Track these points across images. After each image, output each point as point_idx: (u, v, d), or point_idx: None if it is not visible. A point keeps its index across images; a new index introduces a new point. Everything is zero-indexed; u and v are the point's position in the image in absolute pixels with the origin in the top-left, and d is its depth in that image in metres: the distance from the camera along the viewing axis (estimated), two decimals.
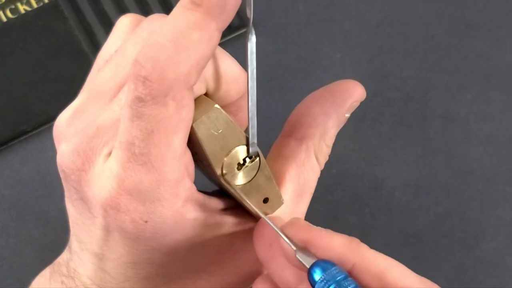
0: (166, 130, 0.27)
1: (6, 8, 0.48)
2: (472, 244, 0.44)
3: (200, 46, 0.27)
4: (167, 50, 0.26)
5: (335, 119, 0.33)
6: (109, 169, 0.28)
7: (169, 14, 0.27)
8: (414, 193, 0.46)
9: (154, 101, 0.26)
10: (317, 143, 0.33)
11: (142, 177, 0.27)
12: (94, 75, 0.32)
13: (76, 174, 0.29)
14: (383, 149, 0.46)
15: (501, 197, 0.46)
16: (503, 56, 0.49)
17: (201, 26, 0.26)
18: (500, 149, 0.47)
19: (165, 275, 0.31)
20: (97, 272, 0.30)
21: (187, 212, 0.29)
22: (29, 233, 0.44)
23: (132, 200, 0.28)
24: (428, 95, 0.48)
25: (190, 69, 0.26)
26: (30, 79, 0.46)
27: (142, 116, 0.26)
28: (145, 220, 0.28)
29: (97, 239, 0.30)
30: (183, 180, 0.29)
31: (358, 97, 0.33)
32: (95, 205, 0.29)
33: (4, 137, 0.45)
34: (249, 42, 0.29)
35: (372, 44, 0.49)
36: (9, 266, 0.43)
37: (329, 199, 0.45)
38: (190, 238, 0.30)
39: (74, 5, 0.48)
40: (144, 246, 0.29)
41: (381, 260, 0.27)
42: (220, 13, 0.27)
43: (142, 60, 0.26)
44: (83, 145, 0.29)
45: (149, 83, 0.26)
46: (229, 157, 0.30)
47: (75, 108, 0.30)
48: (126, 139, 0.27)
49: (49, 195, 0.45)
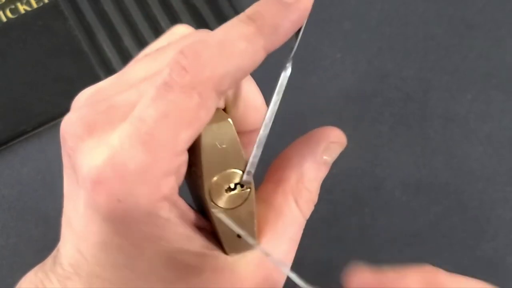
0: (179, 120, 0.27)
1: (6, 8, 0.48)
2: (472, 244, 0.44)
3: (243, 57, 0.28)
4: (212, 49, 0.27)
5: (311, 161, 0.32)
6: (107, 142, 0.28)
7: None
8: (414, 193, 0.46)
9: (182, 90, 0.27)
10: (295, 186, 0.32)
11: (135, 155, 0.27)
12: (129, 64, 0.32)
13: (74, 141, 0.29)
14: (383, 149, 0.46)
15: (501, 197, 0.46)
16: (503, 56, 0.49)
17: (250, 39, 0.28)
18: (500, 149, 0.47)
19: (133, 270, 0.29)
20: (74, 253, 0.30)
21: (161, 209, 0.29)
22: (29, 233, 0.44)
23: (115, 175, 0.28)
24: (428, 95, 0.48)
25: (226, 74, 0.27)
26: (30, 79, 0.46)
27: (164, 99, 0.27)
28: (119, 199, 0.28)
29: (77, 213, 0.29)
30: (170, 177, 0.28)
31: (334, 138, 0.33)
32: (83, 175, 0.28)
33: (4, 137, 0.45)
34: (283, 72, 0.29)
35: (372, 44, 0.49)
36: (9, 266, 0.43)
37: (329, 199, 0.45)
38: (159, 239, 0.29)
39: (74, 5, 0.48)
40: (113, 228, 0.28)
41: (460, 283, 0.26)
42: (271, 33, 0.28)
43: (186, 50, 0.27)
44: (89, 116, 0.29)
45: (184, 72, 0.27)
46: (222, 176, 0.30)
47: (99, 87, 0.31)
48: (139, 115, 0.27)
49: (49, 195, 0.45)
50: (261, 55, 0.28)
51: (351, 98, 0.48)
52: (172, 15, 0.48)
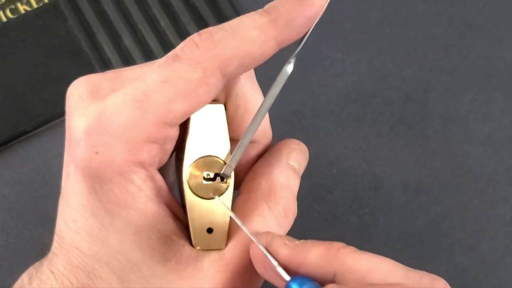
0: (178, 89, 0.28)
1: (6, 8, 0.48)
2: (472, 244, 0.44)
3: (253, 44, 0.29)
4: (225, 32, 0.28)
5: (278, 167, 0.32)
6: (102, 102, 0.29)
7: None
8: (414, 193, 0.46)
9: (188, 62, 0.28)
10: (267, 193, 0.32)
11: (123, 111, 0.28)
12: None
13: (75, 100, 0.30)
14: (383, 149, 0.46)
15: (501, 197, 0.46)
16: (503, 56, 0.49)
17: (262, 29, 0.29)
18: (500, 149, 0.47)
19: (104, 244, 0.29)
20: (60, 223, 0.30)
21: (135, 174, 0.29)
22: (29, 233, 0.44)
23: (99, 126, 0.28)
24: (428, 95, 0.48)
25: (234, 56, 0.28)
26: (30, 79, 0.46)
27: (168, 67, 0.28)
28: (96, 152, 0.28)
29: (67, 178, 0.30)
30: (153, 145, 0.28)
31: (294, 145, 0.33)
32: (72, 129, 0.29)
33: (4, 137, 0.45)
34: (285, 67, 0.30)
35: (372, 44, 0.49)
36: (9, 266, 0.43)
37: (329, 199, 0.45)
38: (128, 207, 0.29)
39: (74, 5, 0.48)
40: (89, 185, 0.29)
41: (363, 262, 0.27)
42: (284, 26, 0.29)
43: (202, 31, 0.29)
44: (96, 80, 0.30)
45: (195, 47, 0.28)
46: (203, 161, 0.29)
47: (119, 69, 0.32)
48: (142, 78, 0.28)
49: (49, 195, 0.44)
50: (272, 46, 0.29)
51: (351, 98, 0.48)
52: (172, 15, 0.48)
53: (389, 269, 0.26)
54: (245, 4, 0.49)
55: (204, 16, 0.48)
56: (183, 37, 0.47)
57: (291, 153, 0.33)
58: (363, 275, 0.26)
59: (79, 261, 0.29)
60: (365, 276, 0.26)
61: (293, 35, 0.29)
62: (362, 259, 0.27)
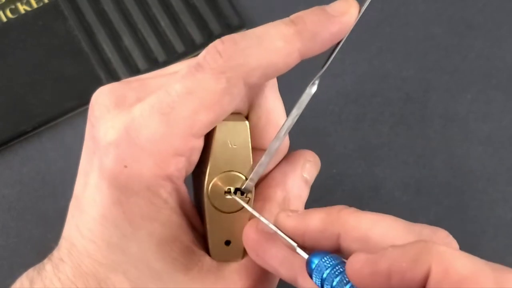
0: (202, 100, 0.28)
1: (6, 8, 0.48)
2: (472, 244, 0.44)
3: (277, 55, 0.28)
4: (249, 40, 0.28)
5: (292, 177, 0.33)
6: (130, 111, 0.28)
7: None
8: (414, 193, 0.46)
9: (212, 71, 0.28)
10: (282, 203, 0.32)
11: (151, 124, 0.28)
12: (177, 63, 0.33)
13: (100, 110, 0.30)
14: (383, 149, 0.46)
15: (501, 197, 0.46)
16: (503, 56, 0.49)
17: (287, 39, 0.29)
18: (500, 149, 0.47)
19: (124, 252, 0.29)
20: (72, 230, 0.30)
21: (162, 188, 0.29)
22: (29, 233, 0.44)
23: (127, 139, 0.28)
24: (428, 95, 0.48)
25: (258, 67, 0.28)
26: (30, 79, 0.46)
27: (192, 77, 0.28)
28: (125, 165, 0.28)
29: (86, 186, 0.30)
30: (180, 158, 0.28)
31: (309, 158, 0.34)
32: (99, 139, 0.29)
33: (4, 137, 0.45)
34: (308, 89, 0.30)
35: (372, 44, 0.49)
36: (9, 266, 0.43)
37: (329, 199, 0.45)
38: (153, 219, 0.29)
39: (74, 5, 0.48)
40: (115, 196, 0.29)
41: (364, 221, 0.27)
42: (309, 39, 0.29)
43: (225, 38, 0.28)
44: (121, 90, 0.30)
45: (218, 56, 0.28)
46: (225, 176, 0.30)
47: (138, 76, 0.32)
48: (166, 89, 0.28)
49: (49, 195, 0.45)
50: (295, 58, 0.29)
51: (351, 98, 0.48)
52: (172, 15, 0.48)
53: (390, 223, 0.27)
54: (245, 4, 0.49)
55: (204, 16, 0.48)
56: (183, 37, 0.47)
57: (306, 164, 0.33)
58: (365, 232, 0.26)
59: (90, 269, 0.29)
60: (367, 232, 0.26)
61: (316, 49, 0.29)
62: (364, 218, 0.27)
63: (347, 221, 0.27)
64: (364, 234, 0.26)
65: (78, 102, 0.46)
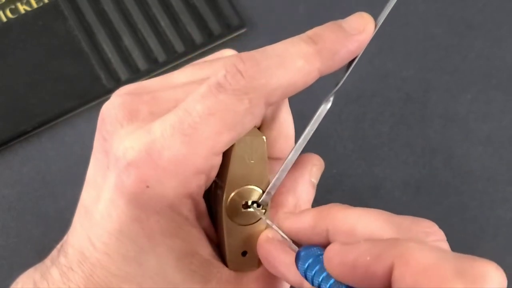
0: (224, 121, 0.28)
1: (6, 8, 0.48)
2: (472, 244, 0.44)
3: (297, 74, 0.28)
4: (270, 60, 0.28)
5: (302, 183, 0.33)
6: (148, 129, 0.28)
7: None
8: (414, 193, 0.46)
9: (234, 92, 0.28)
10: (293, 209, 0.33)
11: (173, 145, 0.27)
12: (174, 71, 0.33)
13: (113, 124, 0.29)
14: (383, 149, 0.46)
15: (501, 197, 0.46)
16: (503, 56, 0.49)
17: (308, 59, 0.29)
18: (500, 149, 0.47)
19: (140, 265, 0.29)
20: (83, 240, 0.30)
21: (184, 206, 0.29)
22: (29, 233, 0.44)
23: (149, 160, 0.28)
24: (428, 95, 0.48)
25: (279, 87, 0.28)
26: (30, 79, 0.46)
27: (214, 98, 0.28)
28: (147, 185, 0.28)
29: (99, 199, 0.29)
30: (201, 176, 0.29)
31: (315, 162, 0.34)
32: (117, 156, 0.28)
33: (4, 137, 0.45)
34: (323, 104, 0.30)
35: (372, 44, 0.49)
36: (9, 266, 0.43)
37: (329, 199, 0.45)
38: (173, 235, 0.29)
39: (74, 5, 0.48)
40: (134, 214, 0.28)
41: (350, 215, 0.27)
42: (329, 58, 0.29)
43: (245, 56, 0.28)
44: (133, 104, 0.29)
45: (240, 77, 0.28)
46: (243, 191, 0.30)
47: (142, 84, 0.31)
48: (186, 108, 0.28)
49: (49, 195, 0.45)
50: (314, 76, 0.29)
51: (351, 98, 0.48)
52: (172, 15, 0.48)
53: (373, 216, 0.27)
54: (245, 4, 0.49)
55: (204, 16, 0.48)
56: (183, 37, 0.47)
57: (313, 169, 0.34)
58: (351, 226, 0.27)
59: (102, 279, 0.29)
60: (353, 226, 0.27)
61: (334, 67, 0.30)
62: (350, 213, 0.27)
63: (336, 217, 0.27)
64: (350, 228, 0.27)
65: (78, 102, 0.46)
